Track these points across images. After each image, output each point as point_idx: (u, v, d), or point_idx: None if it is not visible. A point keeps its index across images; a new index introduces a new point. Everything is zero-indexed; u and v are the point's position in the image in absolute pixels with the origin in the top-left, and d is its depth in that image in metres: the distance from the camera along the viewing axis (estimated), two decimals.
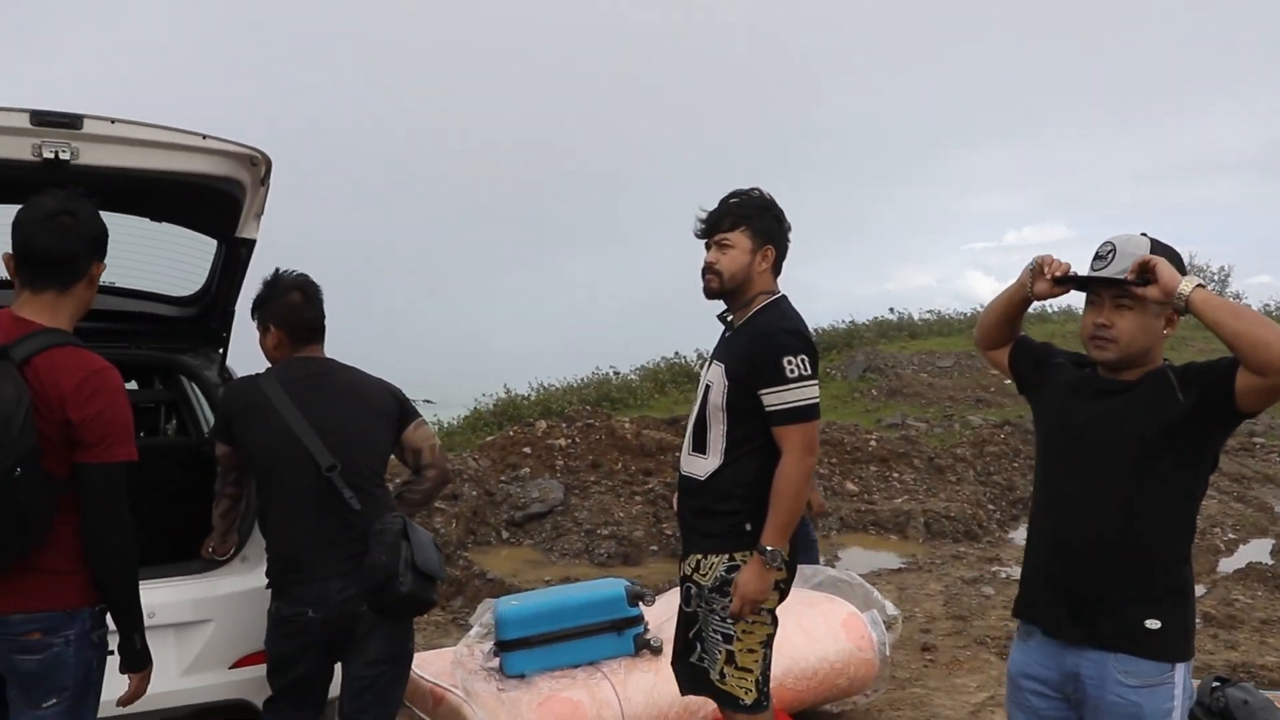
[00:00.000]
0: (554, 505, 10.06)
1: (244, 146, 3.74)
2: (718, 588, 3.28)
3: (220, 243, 4.16)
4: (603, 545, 9.43)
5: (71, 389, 2.66)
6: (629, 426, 11.97)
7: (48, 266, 2.79)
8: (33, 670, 2.72)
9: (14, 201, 3.80)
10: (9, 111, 3.40)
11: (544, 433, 11.61)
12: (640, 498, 10.36)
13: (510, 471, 10.71)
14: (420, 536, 3.35)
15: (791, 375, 3.20)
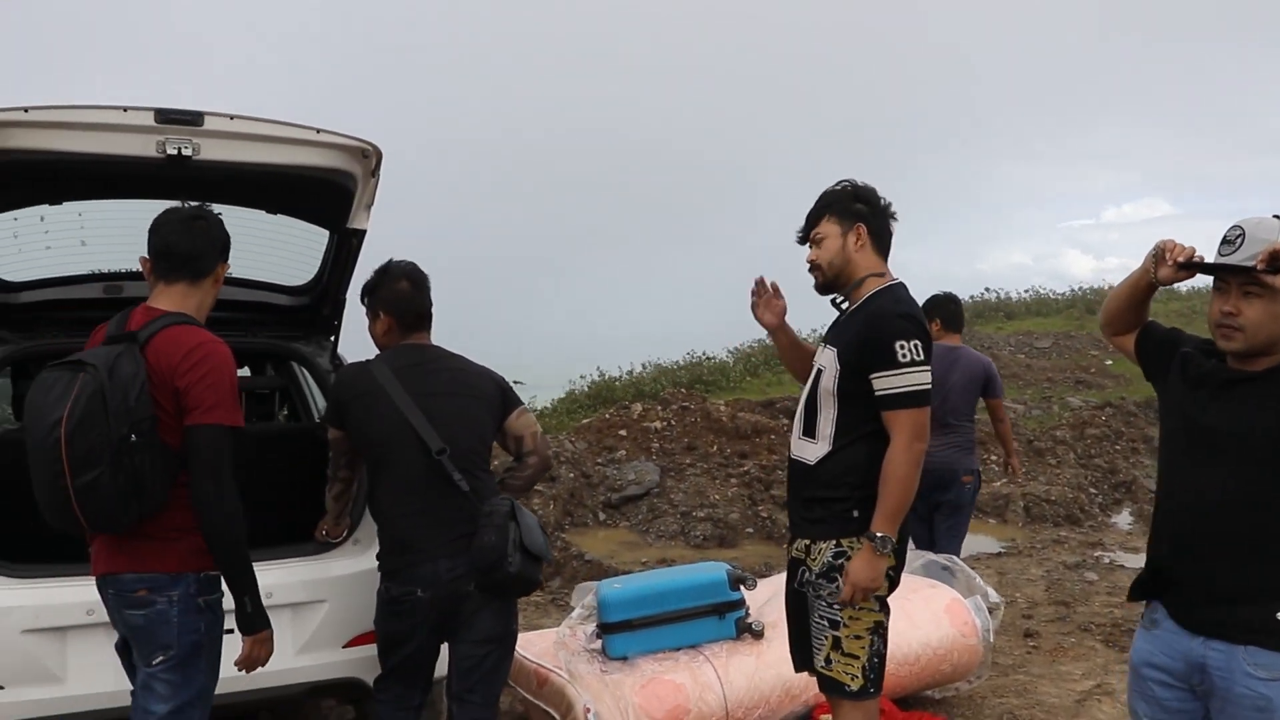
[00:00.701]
0: (650, 487, 10.13)
1: (356, 139, 3.84)
2: (824, 573, 3.28)
3: (332, 233, 4.27)
4: (698, 527, 9.47)
5: (179, 359, 2.89)
6: (724, 409, 11.98)
7: (181, 260, 3.07)
8: (139, 625, 2.96)
9: (140, 196, 3.99)
10: (135, 110, 3.55)
11: (639, 415, 11.68)
12: (736, 480, 10.37)
13: (607, 454, 10.81)
14: (527, 518, 3.42)
15: (903, 360, 3.18)
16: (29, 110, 3.45)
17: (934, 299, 6.64)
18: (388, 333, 3.67)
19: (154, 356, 2.88)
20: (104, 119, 3.53)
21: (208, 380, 2.90)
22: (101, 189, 3.94)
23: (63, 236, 4.12)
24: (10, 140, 3.46)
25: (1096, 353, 18.85)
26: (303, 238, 4.33)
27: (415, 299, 3.65)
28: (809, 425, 3.38)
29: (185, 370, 2.88)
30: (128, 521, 2.85)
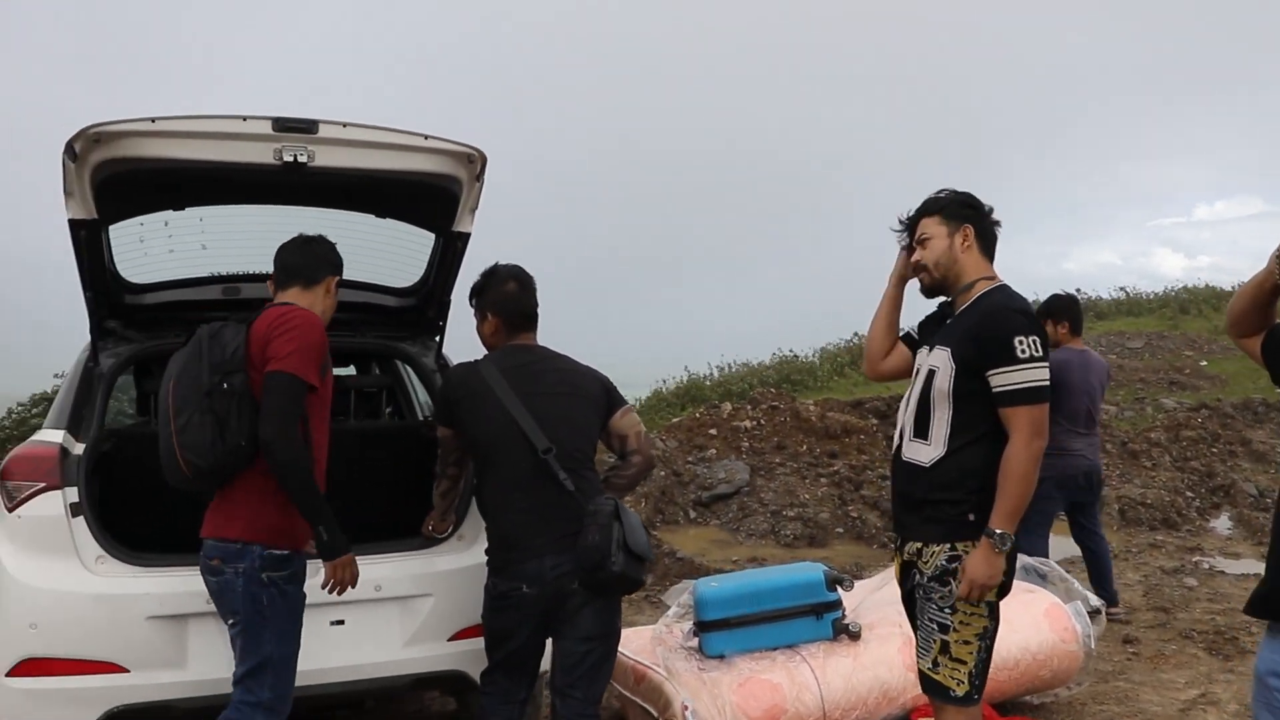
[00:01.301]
0: (740, 486, 10.15)
1: (462, 145, 3.93)
2: (937, 577, 3.27)
3: (438, 236, 4.38)
4: (788, 526, 9.47)
5: (270, 323, 3.34)
6: (813, 409, 11.94)
7: (295, 270, 3.56)
8: (214, 590, 3.35)
9: (257, 201, 4.14)
10: (254, 119, 3.68)
11: (729, 414, 11.69)
12: (825, 480, 10.34)
13: (697, 452, 10.85)
14: (631, 518, 3.47)
15: (1022, 355, 3.15)
16: (155, 121, 3.61)
17: (1060, 301, 6.57)
18: (495, 333, 3.76)
19: (255, 327, 3.35)
20: (225, 128, 3.67)
21: (288, 335, 3.29)
22: (222, 194, 4.10)
23: (185, 240, 4.29)
24: (139, 149, 3.63)
25: (1190, 353, 18.38)
26: (409, 241, 4.44)
27: (522, 300, 3.73)
28: (921, 427, 3.36)
29: (270, 331, 3.31)
30: (215, 461, 3.22)
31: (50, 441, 3.82)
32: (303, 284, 3.54)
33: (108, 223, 3.97)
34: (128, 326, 4.36)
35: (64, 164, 3.61)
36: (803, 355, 24.21)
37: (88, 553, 3.66)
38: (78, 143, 3.54)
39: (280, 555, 3.32)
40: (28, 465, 3.75)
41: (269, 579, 3.30)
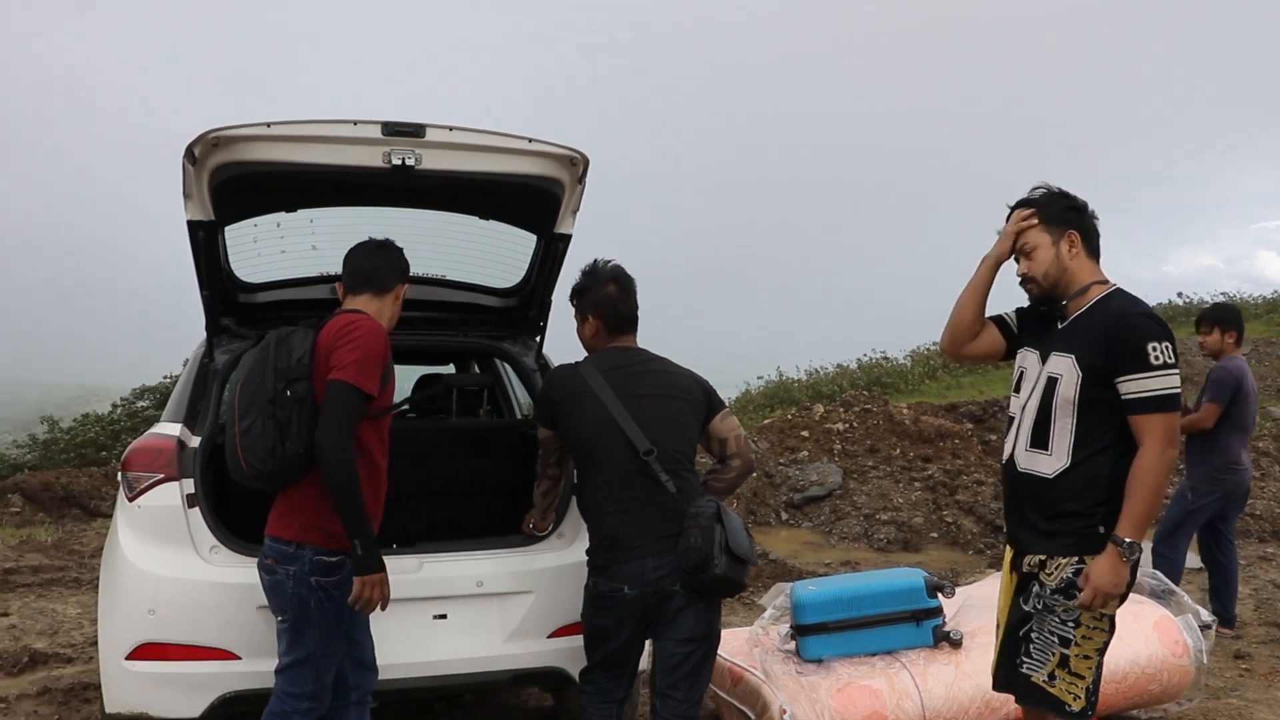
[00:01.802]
0: (832, 489, 10.08)
1: (565, 148, 3.96)
2: (1062, 589, 3.17)
3: (540, 238, 4.42)
4: (882, 530, 9.38)
5: (336, 332, 3.38)
6: (907, 412, 11.80)
7: (366, 276, 3.59)
8: (266, 586, 3.45)
9: (366, 204, 4.22)
10: (364, 124, 3.76)
11: (822, 416, 11.62)
12: (920, 484, 10.21)
13: (789, 454, 10.79)
14: (733, 521, 3.46)
15: (1155, 362, 3.06)
16: (271, 125, 3.70)
17: (1229, 310, 6.37)
18: (595, 335, 3.78)
19: (322, 335, 3.41)
20: (336, 132, 3.75)
21: (351, 344, 3.33)
22: (332, 197, 4.18)
23: (296, 241, 4.39)
24: (254, 153, 3.72)
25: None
26: (512, 242, 4.49)
27: (622, 303, 3.74)
28: (1040, 436, 3.26)
29: (334, 340, 3.36)
30: (274, 466, 3.29)
31: (168, 435, 3.95)
32: (374, 291, 3.58)
33: (224, 224, 4.08)
34: (241, 324, 4.48)
35: (184, 167, 3.72)
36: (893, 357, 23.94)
37: (202, 542, 3.77)
38: (197, 147, 3.64)
39: (331, 561, 3.37)
40: (147, 457, 3.88)
41: (317, 583, 3.36)
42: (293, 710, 3.41)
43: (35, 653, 5.79)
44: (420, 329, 4.71)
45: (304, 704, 3.41)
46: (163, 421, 4.16)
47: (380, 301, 3.59)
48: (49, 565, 8.65)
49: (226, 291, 4.37)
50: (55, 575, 8.20)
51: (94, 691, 5.06)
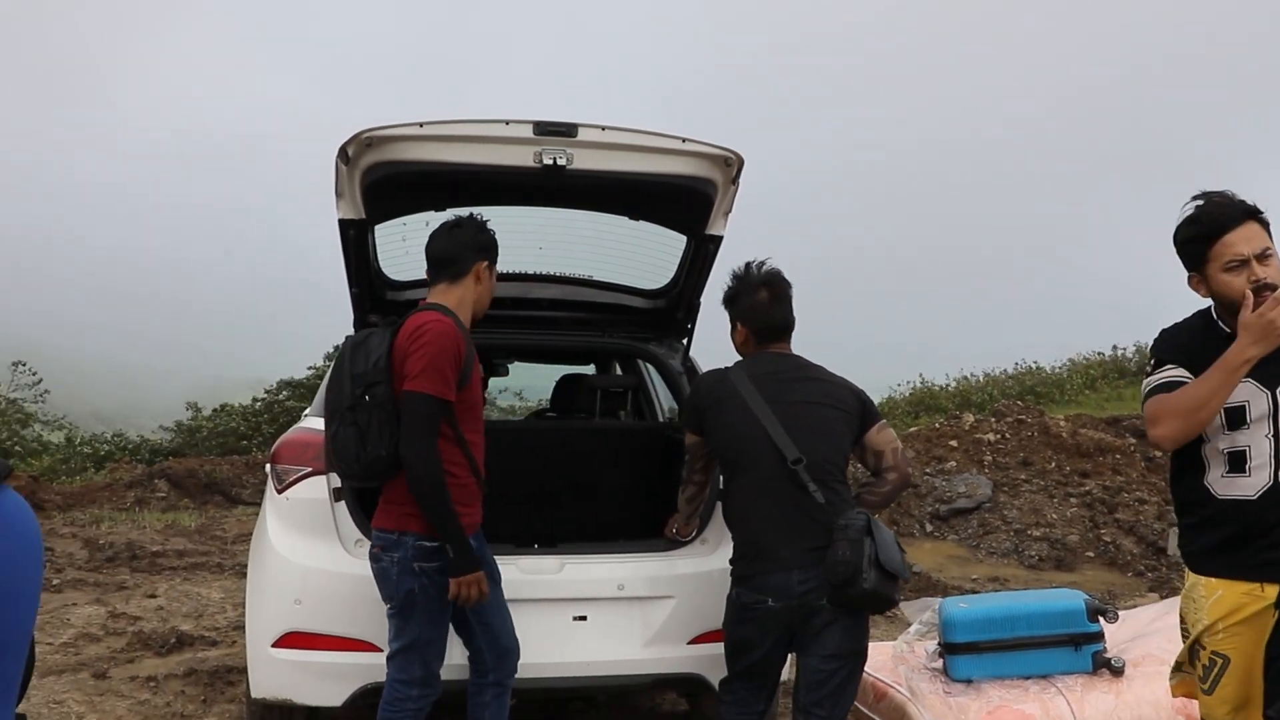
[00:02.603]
0: (981, 501, 9.74)
1: (719, 148, 3.88)
2: None
3: (690, 239, 4.35)
4: (1033, 547, 9.01)
5: (408, 335, 3.36)
6: (1063, 424, 11.32)
7: (438, 263, 3.56)
8: (375, 575, 3.45)
9: (516, 203, 4.22)
10: (516, 123, 3.74)
11: (971, 426, 11.26)
12: (1075, 500, 9.78)
13: (936, 464, 10.49)
14: (884, 534, 3.32)
15: None
16: (423, 125, 3.73)
17: None
18: (745, 343, 3.68)
19: (399, 336, 3.39)
20: (488, 132, 3.75)
21: (420, 352, 3.31)
22: (482, 196, 4.19)
23: None
24: (406, 153, 3.75)
25: None
26: (661, 243, 4.43)
27: (774, 310, 3.63)
28: None
29: (408, 344, 3.34)
30: (360, 470, 3.37)
31: (316, 429, 4.01)
32: (450, 278, 3.52)
33: (374, 222, 4.12)
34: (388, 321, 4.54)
35: (337, 167, 3.77)
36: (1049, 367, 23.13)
37: (347, 535, 3.82)
38: (351, 146, 3.68)
39: (431, 547, 3.37)
40: (295, 451, 3.96)
41: (420, 569, 3.37)
42: (404, 697, 3.43)
43: (182, 634, 6.00)
44: (564, 329, 4.69)
45: (414, 690, 3.43)
46: (310, 416, 4.24)
47: (459, 288, 3.52)
48: (193, 549, 9.00)
49: (375, 289, 4.43)
50: (199, 560, 8.52)
51: (237, 675, 5.22)
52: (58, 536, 9.48)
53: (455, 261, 3.52)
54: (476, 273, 3.54)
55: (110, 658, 5.60)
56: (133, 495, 12.12)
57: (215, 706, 4.86)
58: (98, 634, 6.05)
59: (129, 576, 7.78)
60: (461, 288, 3.53)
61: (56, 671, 5.34)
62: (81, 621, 6.32)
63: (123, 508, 11.55)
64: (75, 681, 5.17)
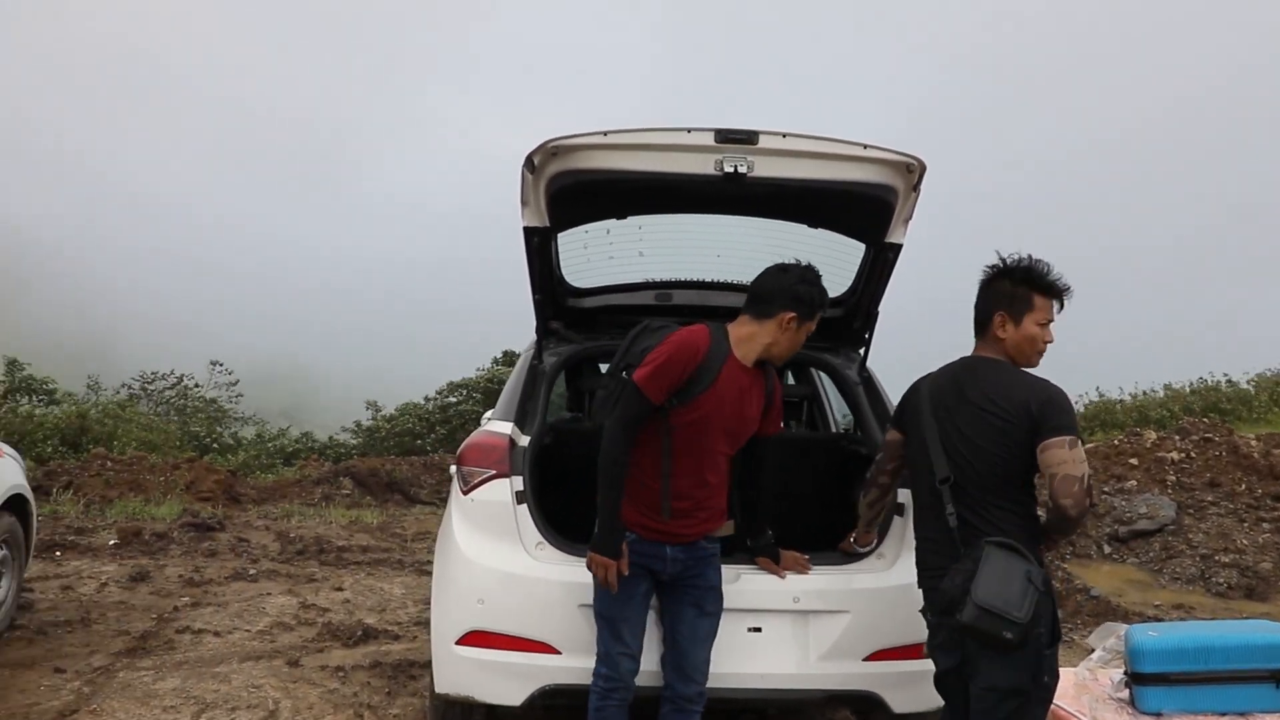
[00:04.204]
0: (1164, 523, 9.29)
1: (902, 154, 3.83)
2: None
3: (869, 247, 4.30)
4: (1221, 574, 8.55)
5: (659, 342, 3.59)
6: (1255, 444, 10.70)
7: (752, 297, 3.66)
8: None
9: (695, 211, 4.24)
10: (698, 131, 3.77)
11: (1153, 444, 10.75)
12: (1269, 525, 9.24)
13: (1114, 482, 10.06)
14: (993, 567, 3.09)
15: None
16: (607, 134, 3.79)
17: None
18: None
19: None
20: (670, 140, 3.78)
21: (658, 349, 3.53)
22: (662, 204, 4.24)
23: (624, 247, 4.48)
24: (590, 161, 3.82)
25: None
26: (839, 251, 4.39)
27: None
28: None
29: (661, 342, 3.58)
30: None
31: (500, 433, 4.12)
32: (755, 313, 3.60)
33: (558, 230, 4.21)
34: (569, 327, 4.62)
35: (523, 175, 3.86)
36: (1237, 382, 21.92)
37: (529, 538, 3.90)
38: (537, 156, 3.78)
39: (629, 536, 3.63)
40: (480, 454, 4.06)
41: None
42: (592, 686, 3.61)
43: (367, 627, 6.23)
44: None
45: (602, 668, 3.59)
46: (494, 420, 4.35)
47: (756, 326, 3.59)
48: (375, 546, 9.33)
49: (557, 296, 4.52)
50: (381, 556, 8.83)
51: (419, 669, 5.39)
52: (253, 529, 10.00)
53: (766, 301, 3.60)
54: (780, 321, 3.57)
55: (302, 647, 5.86)
56: (320, 492, 12.68)
57: (399, 699, 5.04)
58: (290, 623, 6.34)
59: (318, 569, 8.13)
60: (760, 327, 3.59)
61: (254, 657, 5.62)
62: (275, 611, 6.65)
63: (311, 503, 12.08)
64: (271, 668, 5.43)
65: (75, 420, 16.61)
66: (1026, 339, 3.34)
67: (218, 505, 11.26)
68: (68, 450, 15.19)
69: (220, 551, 8.78)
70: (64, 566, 7.89)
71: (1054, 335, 3.38)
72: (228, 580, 7.58)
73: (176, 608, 6.70)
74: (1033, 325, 3.33)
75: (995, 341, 3.38)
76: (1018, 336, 3.34)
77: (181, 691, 5.04)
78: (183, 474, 12.20)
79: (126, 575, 7.57)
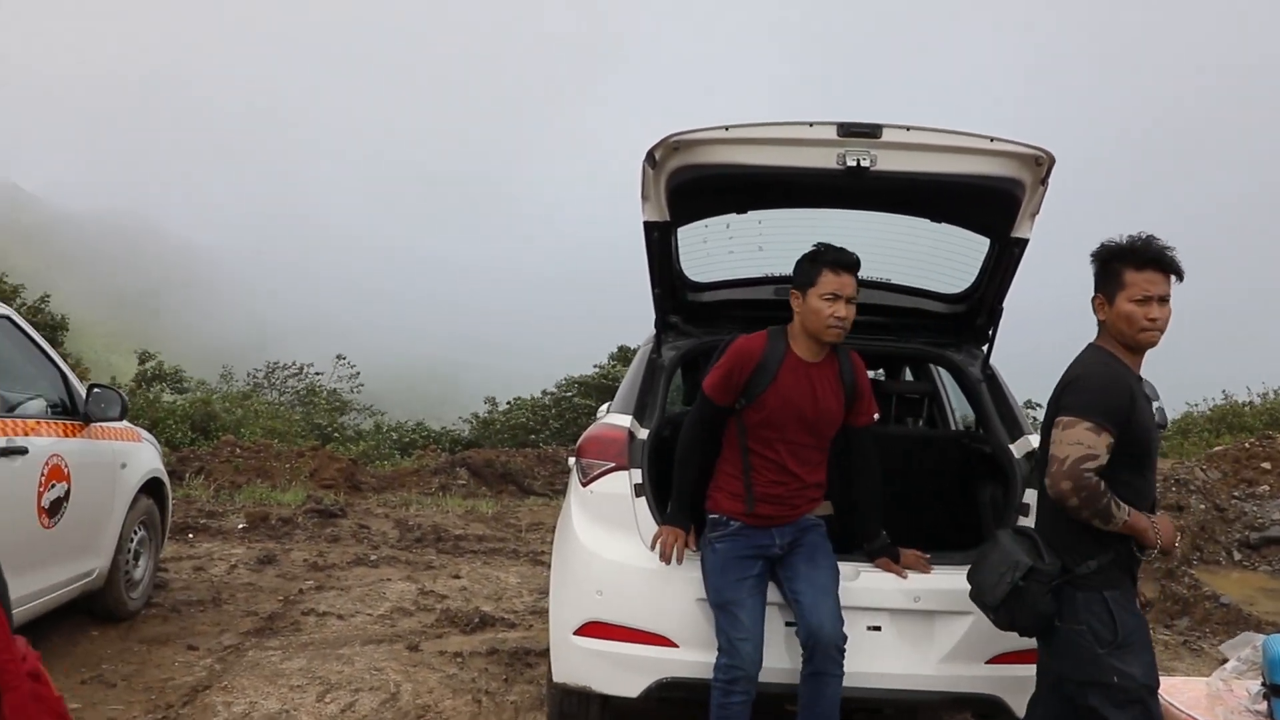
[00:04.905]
0: None
1: (1029, 147, 3.74)
2: None
3: (994, 242, 4.22)
4: None
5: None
6: None
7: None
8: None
9: (816, 205, 4.21)
10: (820, 124, 3.73)
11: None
12: None
13: (1245, 487, 9.70)
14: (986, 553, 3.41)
15: None
16: (729, 129, 3.77)
17: None
18: None
19: None
20: (792, 134, 3.75)
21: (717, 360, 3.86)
22: (783, 198, 4.21)
23: (743, 242, 4.47)
24: (712, 156, 3.81)
25: None
26: (963, 246, 4.31)
27: None
28: None
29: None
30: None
31: (619, 426, 4.14)
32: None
33: (678, 225, 4.21)
34: (687, 322, 4.63)
35: (644, 170, 3.87)
36: None
37: (647, 531, 3.91)
38: (658, 150, 3.78)
39: (714, 518, 3.86)
40: (600, 446, 4.10)
41: (708, 539, 3.83)
42: (714, 681, 3.61)
43: (484, 615, 6.34)
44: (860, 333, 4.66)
45: (722, 659, 3.61)
46: (613, 413, 4.38)
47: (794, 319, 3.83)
48: (490, 535, 9.48)
49: (676, 290, 4.52)
50: (496, 545, 8.97)
51: (535, 658, 5.47)
52: (373, 516, 10.27)
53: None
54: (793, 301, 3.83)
55: (421, 632, 6.00)
56: (437, 481, 12.95)
57: (516, 686, 5.11)
58: (410, 609, 6.50)
59: (435, 557, 8.31)
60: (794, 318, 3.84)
61: (375, 641, 5.78)
62: (395, 596, 6.82)
63: (428, 493, 12.35)
64: (392, 652, 5.57)
65: (201, 407, 17.27)
66: (1122, 318, 3.25)
67: (340, 492, 11.59)
68: (198, 436, 15.80)
69: (342, 537, 9.03)
70: (196, 548, 8.21)
71: (1163, 311, 3.24)
72: (349, 565, 7.80)
73: (301, 590, 6.92)
74: (1126, 303, 3.23)
75: (1100, 327, 3.35)
76: (1113, 316, 3.27)
77: (307, 671, 5.20)
78: (307, 462, 12.57)
79: (254, 558, 7.85)
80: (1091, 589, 3.20)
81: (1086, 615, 3.19)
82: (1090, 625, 3.18)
